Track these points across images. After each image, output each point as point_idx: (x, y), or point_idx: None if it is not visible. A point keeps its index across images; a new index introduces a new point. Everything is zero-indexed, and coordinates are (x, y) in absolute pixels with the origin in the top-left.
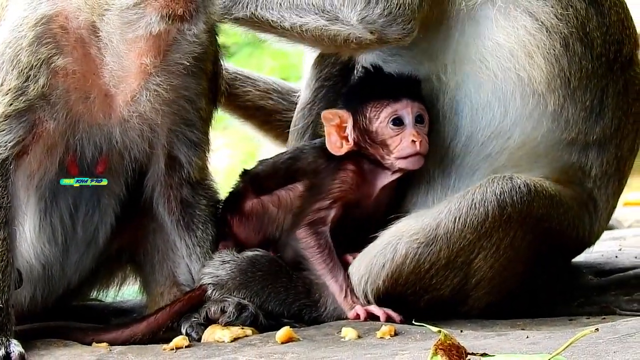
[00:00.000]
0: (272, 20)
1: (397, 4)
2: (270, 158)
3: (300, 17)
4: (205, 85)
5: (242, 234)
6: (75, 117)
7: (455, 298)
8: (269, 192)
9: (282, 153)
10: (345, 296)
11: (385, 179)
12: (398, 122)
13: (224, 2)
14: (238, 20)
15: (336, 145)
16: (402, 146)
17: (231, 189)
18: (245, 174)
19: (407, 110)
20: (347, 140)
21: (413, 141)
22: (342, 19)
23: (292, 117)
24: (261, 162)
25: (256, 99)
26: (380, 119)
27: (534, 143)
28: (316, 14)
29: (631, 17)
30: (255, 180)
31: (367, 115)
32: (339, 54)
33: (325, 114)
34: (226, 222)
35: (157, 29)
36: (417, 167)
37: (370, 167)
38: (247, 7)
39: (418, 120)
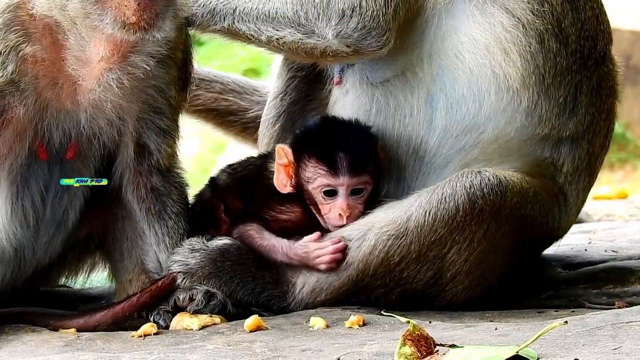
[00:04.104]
0: (249, 34)
1: (370, 17)
2: (236, 166)
3: (277, 30)
4: (174, 73)
5: None
6: (44, 103)
7: (430, 292)
8: (236, 216)
9: (247, 161)
10: (295, 246)
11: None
12: (330, 193)
13: (202, 13)
14: (216, 32)
15: (282, 183)
16: (330, 215)
17: (199, 196)
18: (213, 184)
19: (342, 188)
20: (292, 183)
21: (340, 215)
22: (317, 33)
23: (251, 116)
24: (228, 168)
25: (208, 102)
26: (314, 185)
27: (507, 138)
28: (292, 27)
29: (605, 12)
30: (224, 195)
31: (306, 173)
32: (317, 64)
33: (279, 148)
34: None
35: (111, 32)
36: None
37: None
38: (224, 19)
39: (355, 192)
